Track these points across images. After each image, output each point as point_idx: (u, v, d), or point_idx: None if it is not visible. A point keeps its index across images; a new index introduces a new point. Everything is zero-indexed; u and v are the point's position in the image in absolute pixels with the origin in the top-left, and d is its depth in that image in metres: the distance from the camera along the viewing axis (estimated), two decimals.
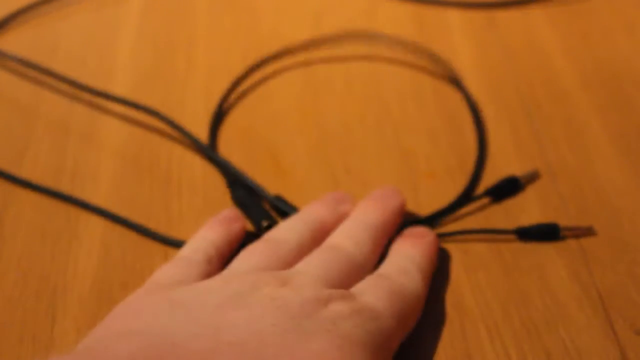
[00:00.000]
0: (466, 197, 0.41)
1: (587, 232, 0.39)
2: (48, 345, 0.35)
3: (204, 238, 0.37)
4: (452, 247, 0.39)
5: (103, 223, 0.41)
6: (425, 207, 0.41)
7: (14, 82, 0.50)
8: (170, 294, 0.33)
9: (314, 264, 0.35)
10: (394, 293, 0.33)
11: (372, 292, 0.33)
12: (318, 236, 0.37)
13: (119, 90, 0.49)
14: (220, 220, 0.39)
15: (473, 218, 0.40)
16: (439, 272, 0.38)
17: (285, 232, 0.37)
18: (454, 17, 0.54)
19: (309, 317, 0.30)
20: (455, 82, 0.48)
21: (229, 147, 0.45)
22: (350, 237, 0.36)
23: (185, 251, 0.37)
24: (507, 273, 0.37)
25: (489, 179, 0.42)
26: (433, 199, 0.41)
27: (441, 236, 0.39)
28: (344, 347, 0.29)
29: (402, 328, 0.33)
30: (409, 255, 0.36)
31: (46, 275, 0.38)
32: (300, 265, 0.35)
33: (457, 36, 0.52)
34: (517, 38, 0.52)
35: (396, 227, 0.39)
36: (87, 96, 0.49)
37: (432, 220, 0.40)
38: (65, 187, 0.43)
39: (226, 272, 0.35)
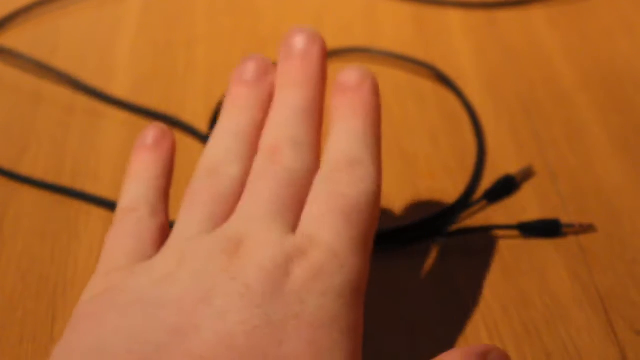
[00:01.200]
0: (466, 200, 0.41)
1: (588, 229, 0.39)
2: (48, 345, 0.35)
3: (139, 177, 0.34)
4: (452, 247, 0.39)
5: (103, 222, 0.41)
6: (425, 207, 0.41)
7: (15, 81, 0.50)
8: (129, 283, 0.30)
9: (261, 198, 0.31)
10: (352, 212, 0.30)
11: (327, 226, 0.30)
12: (255, 142, 0.34)
13: (118, 89, 0.49)
14: (149, 146, 0.35)
15: (474, 221, 0.40)
16: (438, 271, 0.38)
17: (220, 157, 0.33)
18: (454, 17, 0.54)
19: (273, 301, 0.28)
20: (452, 86, 0.48)
21: None
22: (286, 136, 0.33)
23: (125, 201, 0.34)
24: (507, 273, 0.37)
25: (489, 180, 0.42)
26: (433, 199, 0.41)
27: (445, 236, 0.39)
28: (315, 340, 0.28)
29: (366, 249, 0.31)
30: (351, 130, 0.33)
31: (46, 275, 0.38)
32: (246, 206, 0.32)
33: (457, 36, 0.52)
34: (517, 38, 0.52)
35: (325, 84, 0.35)
36: (87, 96, 0.49)
37: (432, 225, 0.40)
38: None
39: (173, 240, 0.32)
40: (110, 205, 0.41)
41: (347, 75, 0.35)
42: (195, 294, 0.29)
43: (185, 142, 0.46)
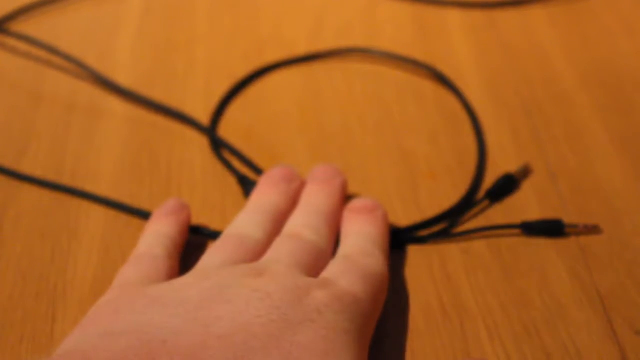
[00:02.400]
0: (469, 200, 0.41)
1: (592, 230, 0.39)
2: (48, 345, 0.35)
3: (158, 232, 0.37)
4: (452, 247, 0.39)
5: (103, 223, 0.41)
6: (425, 207, 0.41)
7: (15, 79, 0.50)
8: (146, 291, 0.32)
9: (284, 253, 0.35)
10: (365, 276, 0.34)
11: (345, 277, 0.33)
12: (278, 224, 0.38)
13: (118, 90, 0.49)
14: (168, 212, 0.39)
15: (475, 221, 0.40)
16: (439, 271, 0.38)
17: (248, 226, 0.37)
18: (454, 17, 0.54)
19: (293, 307, 0.31)
20: (452, 86, 0.48)
21: (229, 150, 0.45)
22: (309, 226, 0.37)
23: (142, 248, 0.37)
24: (507, 273, 0.37)
25: (490, 180, 0.42)
26: (433, 199, 0.41)
27: (449, 237, 0.39)
28: (328, 337, 0.30)
29: (377, 309, 0.34)
30: (366, 234, 0.37)
31: (46, 275, 0.38)
32: (270, 255, 0.35)
33: (457, 36, 0.52)
34: (517, 38, 0.52)
35: (343, 205, 0.39)
36: (87, 97, 0.49)
37: (434, 225, 0.40)
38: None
39: (198, 268, 0.35)
40: (110, 204, 0.41)
41: (364, 202, 0.39)
42: (217, 298, 0.31)
43: (186, 134, 0.46)
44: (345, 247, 0.36)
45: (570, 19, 0.53)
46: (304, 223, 0.37)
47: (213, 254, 0.35)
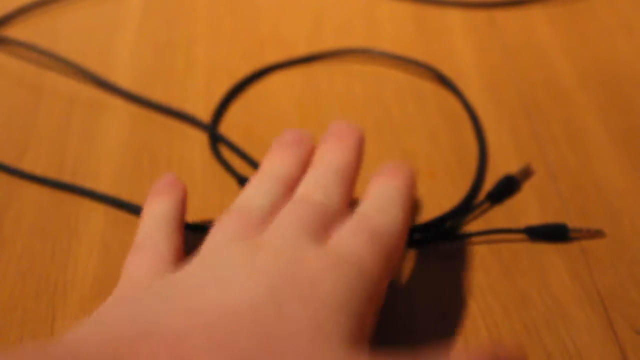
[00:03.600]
0: (469, 202, 0.41)
1: (596, 234, 0.39)
2: None
3: (154, 214, 0.37)
4: (452, 247, 0.39)
5: (103, 222, 0.41)
6: (425, 206, 0.41)
7: (16, 78, 0.50)
8: (151, 286, 0.32)
9: (286, 223, 0.33)
10: (375, 233, 0.33)
11: (352, 237, 0.32)
12: (288, 190, 0.36)
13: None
14: (164, 189, 0.38)
15: (475, 223, 0.40)
16: (438, 271, 0.38)
17: (256, 196, 0.36)
18: (454, 17, 0.54)
19: (282, 282, 0.30)
20: (452, 86, 0.48)
21: (229, 147, 0.45)
22: (319, 185, 0.35)
23: (141, 235, 0.36)
24: (507, 273, 0.37)
25: (490, 181, 0.42)
26: (433, 200, 0.41)
27: (450, 240, 0.39)
28: (319, 316, 0.29)
29: (387, 267, 0.32)
30: (386, 191, 0.35)
31: (46, 275, 0.38)
32: (273, 228, 0.34)
33: (457, 36, 0.52)
34: (517, 38, 0.52)
35: (361, 162, 0.38)
36: (88, 93, 0.49)
37: (434, 228, 0.40)
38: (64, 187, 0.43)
39: (201, 253, 0.34)
40: (111, 202, 0.41)
41: (392, 163, 0.37)
42: (209, 280, 0.31)
43: (186, 133, 0.46)
44: (362, 205, 0.35)
45: (570, 19, 0.53)
46: (316, 182, 0.35)
47: (217, 232, 0.34)
